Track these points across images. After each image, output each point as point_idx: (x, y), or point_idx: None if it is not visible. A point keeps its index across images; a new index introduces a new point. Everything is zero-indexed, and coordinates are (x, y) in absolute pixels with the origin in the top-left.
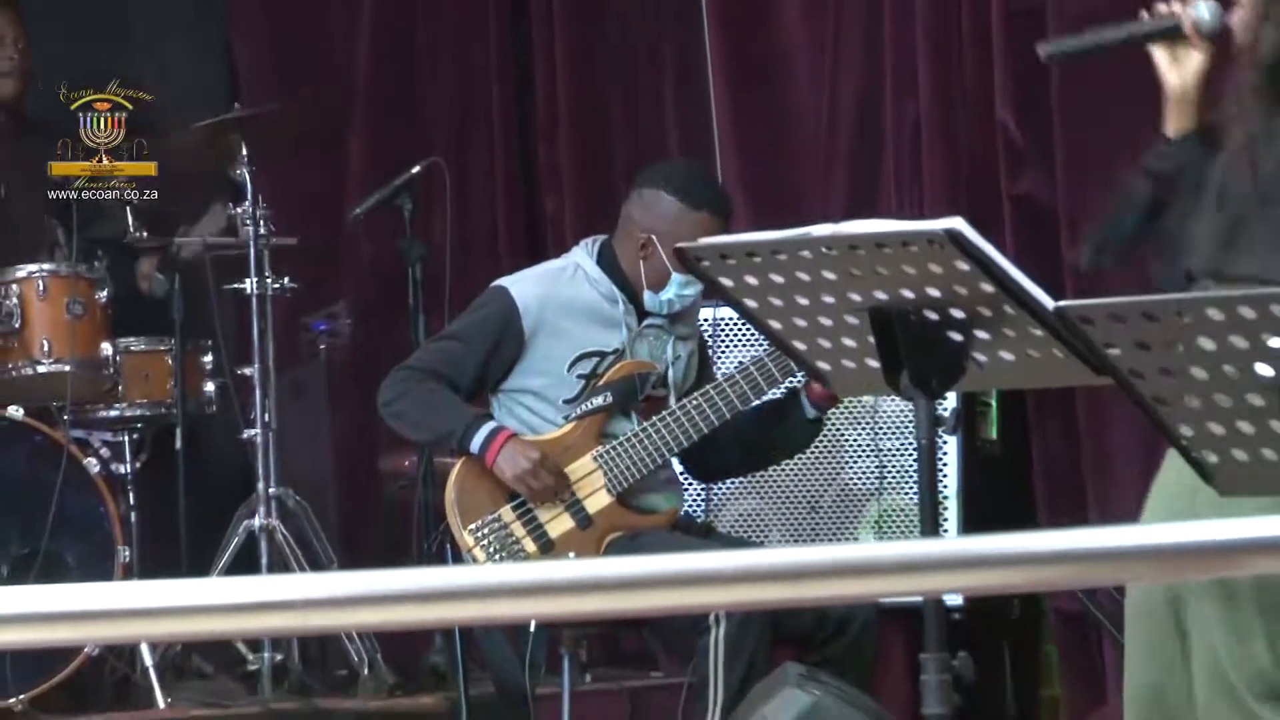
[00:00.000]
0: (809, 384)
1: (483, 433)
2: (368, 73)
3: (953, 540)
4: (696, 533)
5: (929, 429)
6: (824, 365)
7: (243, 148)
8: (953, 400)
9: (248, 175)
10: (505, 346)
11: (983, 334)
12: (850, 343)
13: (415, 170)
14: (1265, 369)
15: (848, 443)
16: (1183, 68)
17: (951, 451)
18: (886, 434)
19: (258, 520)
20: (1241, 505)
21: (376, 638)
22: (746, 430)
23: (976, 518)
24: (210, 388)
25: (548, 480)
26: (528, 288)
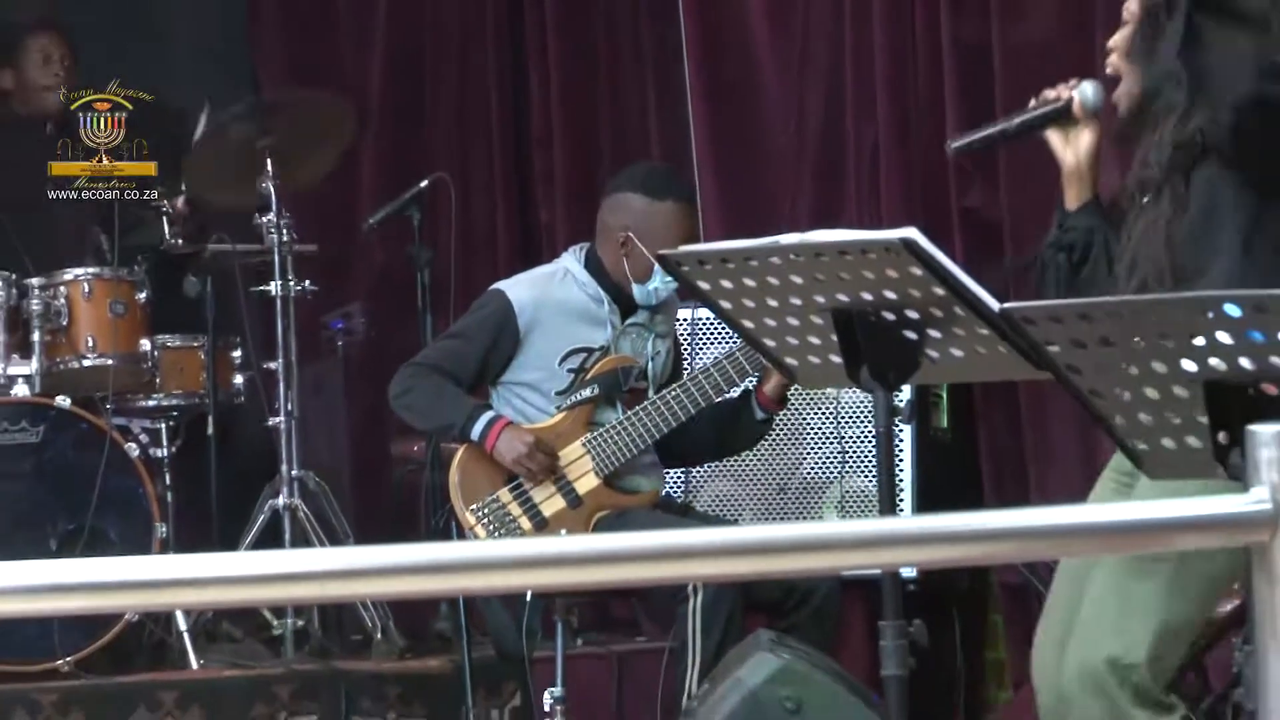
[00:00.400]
0: (759, 389)
1: (482, 421)
2: (379, 96)
3: (908, 519)
4: (676, 511)
5: (886, 418)
6: (791, 360)
7: (268, 164)
8: (908, 392)
9: (273, 189)
10: (502, 344)
11: (935, 333)
12: (815, 340)
13: (423, 184)
14: (1190, 365)
15: (813, 431)
16: (1075, 145)
17: (907, 439)
18: (848, 423)
19: (281, 500)
20: (1184, 489)
21: (388, 606)
22: (715, 421)
23: (929, 499)
24: (239, 380)
25: (542, 462)
26: (522, 290)
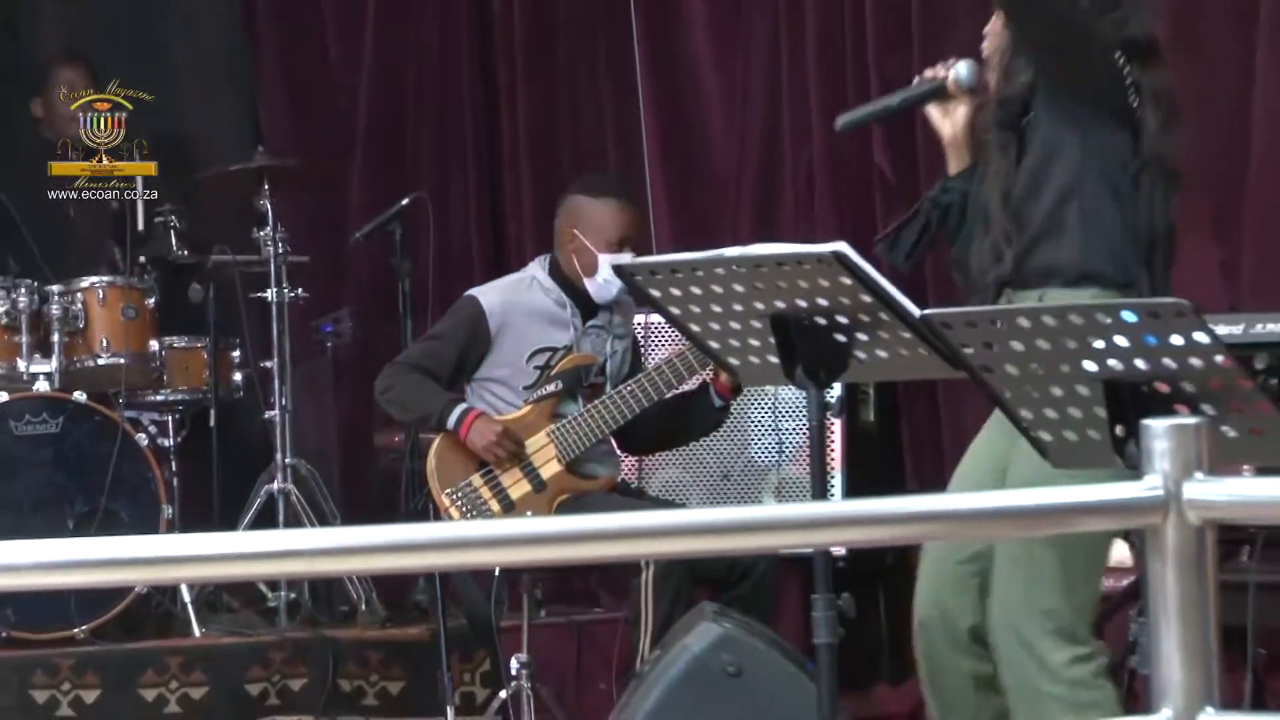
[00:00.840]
0: (717, 379)
1: (457, 412)
2: (365, 122)
3: (837, 504)
4: (631, 495)
5: (819, 413)
6: (734, 360)
7: (264, 184)
8: (838, 389)
9: (269, 206)
10: (475, 344)
11: (862, 336)
12: (755, 342)
13: (404, 202)
14: (1091, 365)
15: (753, 423)
16: (953, 118)
17: (837, 431)
18: (785, 416)
19: (276, 485)
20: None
21: (371, 580)
22: (668, 414)
23: (857, 485)
24: (238, 377)
25: (510, 450)
26: (493, 296)
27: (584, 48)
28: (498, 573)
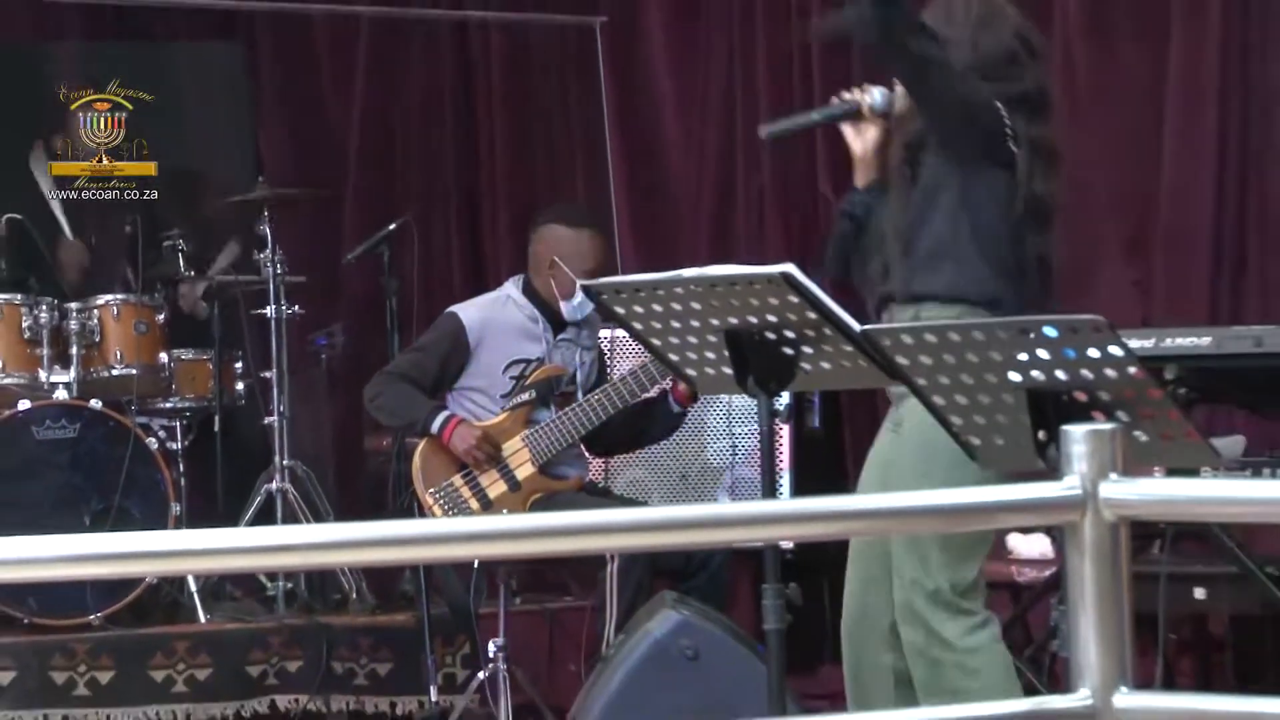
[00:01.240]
0: (675, 388)
1: (440, 419)
2: (357, 153)
3: (785, 502)
4: (598, 494)
5: (769, 419)
6: (692, 371)
7: (265, 211)
8: (786, 397)
9: (269, 230)
10: (456, 356)
11: (808, 349)
12: (711, 355)
13: (392, 227)
14: (1016, 376)
15: (709, 428)
16: (864, 138)
17: (785, 436)
18: (738, 422)
19: (275, 484)
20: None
21: (362, 571)
22: (631, 419)
23: (803, 485)
24: (240, 386)
25: (488, 453)
26: (472, 312)
27: (555, 89)
28: (477, 565)
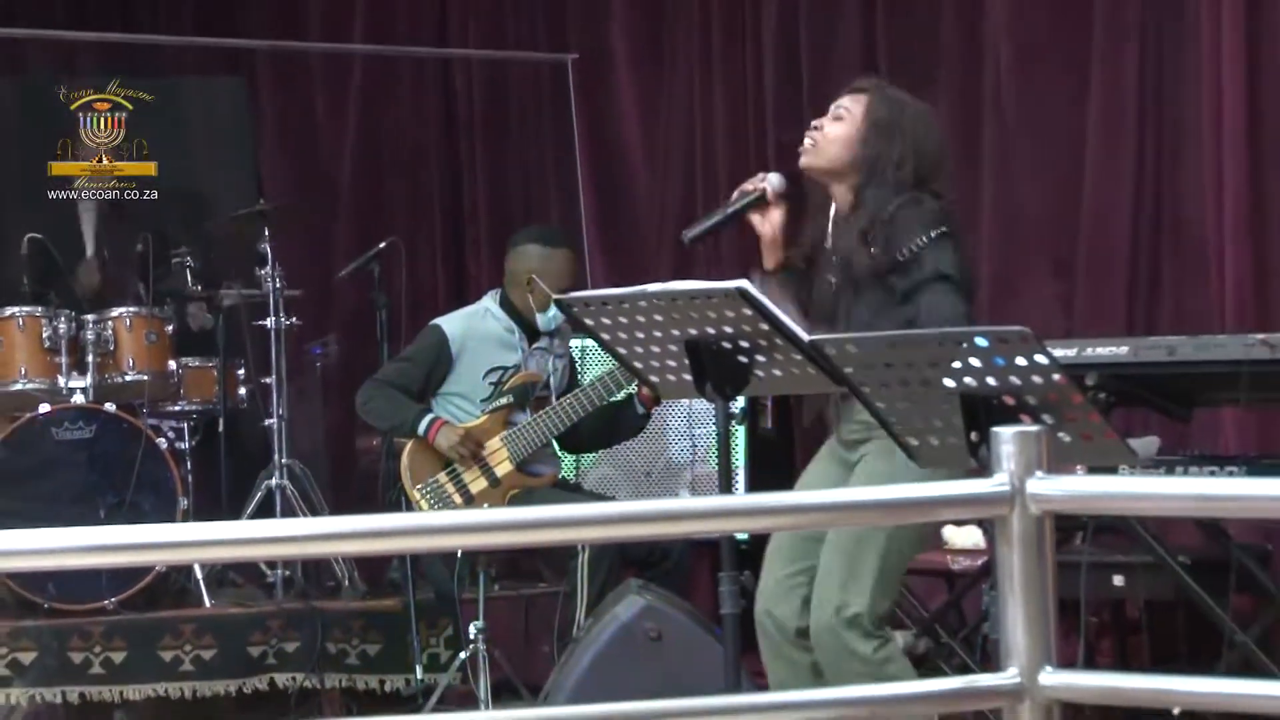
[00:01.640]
0: (640, 392)
1: (425, 421)
2: (350, 177)
3: (740, 497)
4: (570, 490)
5: (725, 421)
6: (654, 378)
7: (265, 230)
8: (741, 401)
9: (269, 248)
10: (440, 364)
11: (761, 357)
12: (672, 363)
13: (381, 246)
14: (950, 382)
15: (671, 430)
16: (770, 222)
17: (740, 436)
18: (697, 424)
19: (274, 481)
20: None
21: (354, 560)
22: (600, 421)
23: (757, 482)
24: (242, 391)
25: (470, 451)
26: (455, 324)
27: (531, 120)
28: (459, 554)
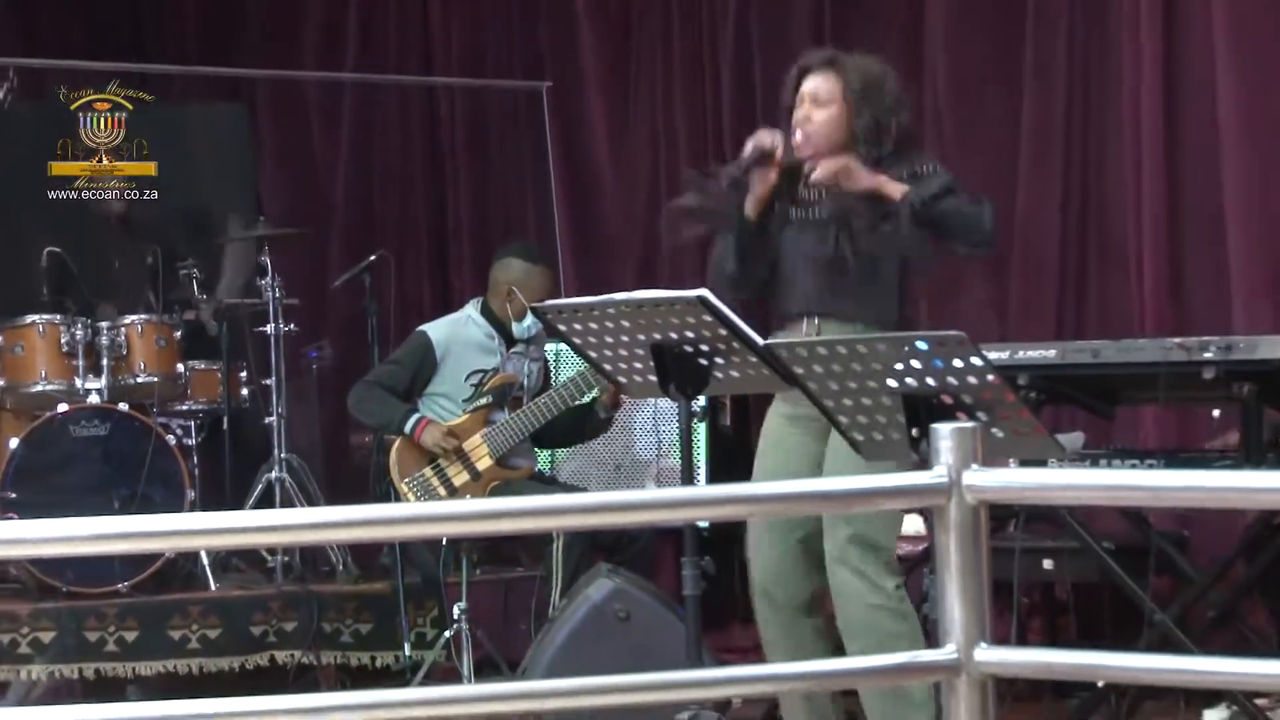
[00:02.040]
0: (601, 398)
1: (412, 420)
2: (342, 195)
3: (702, 488)
4: (546, 482)
5: (687, 418)
6: (622, 379)
7: (264, 245)
8: (702, 400)
9: (268, 261)
10: (425, 367)
11: (720, 360)
12: (639, 365)
13: (372, 259)
14: (893, 382)
15: (638, 427)
16: (765, 179)
17: (702, 432)
18: (662, 422)
19: (274, 474)
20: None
21: (347, 546)
22: (568, 421)
23: (717, 474)
24: (245, 392)
25: (453, 447)
26: (439, 330)
27: (509, 142)
28: (444, 541)
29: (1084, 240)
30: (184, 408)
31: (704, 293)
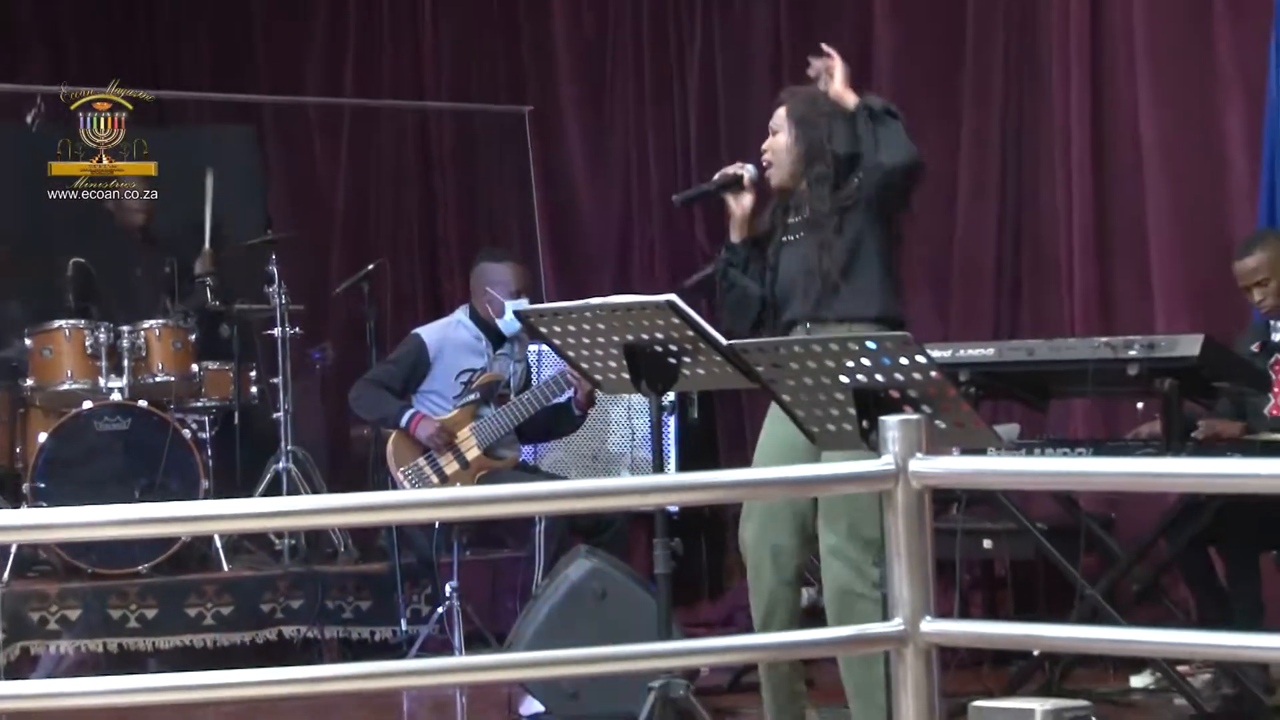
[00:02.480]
0: (575, 398)
1: (407, 415)
2: (342, 210)
3: (672, 476)
4: (529, 471)
5: (658, 412)
6: (599, 377)
7: (272, 254)
8: (672, 395)
9: (275, 269)
10: (419, 367)
11: (688, 359)
12: (613, 364)
13: (370, 267)
14: (845, 379)
15: (613, 420)
16: (741, 203)
17: (671, 425)
18: (635, 415)
19: (281, 465)
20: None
21: (348, 530)
22: (546, 418)
23: (685, 463)
24: (254, 390)
25: (445, 439)
26: (432, 333)
27: (494, 161)
28: (437, 525)
29: (1019, 251)
30: (199, 404)
31: (673, 297)
